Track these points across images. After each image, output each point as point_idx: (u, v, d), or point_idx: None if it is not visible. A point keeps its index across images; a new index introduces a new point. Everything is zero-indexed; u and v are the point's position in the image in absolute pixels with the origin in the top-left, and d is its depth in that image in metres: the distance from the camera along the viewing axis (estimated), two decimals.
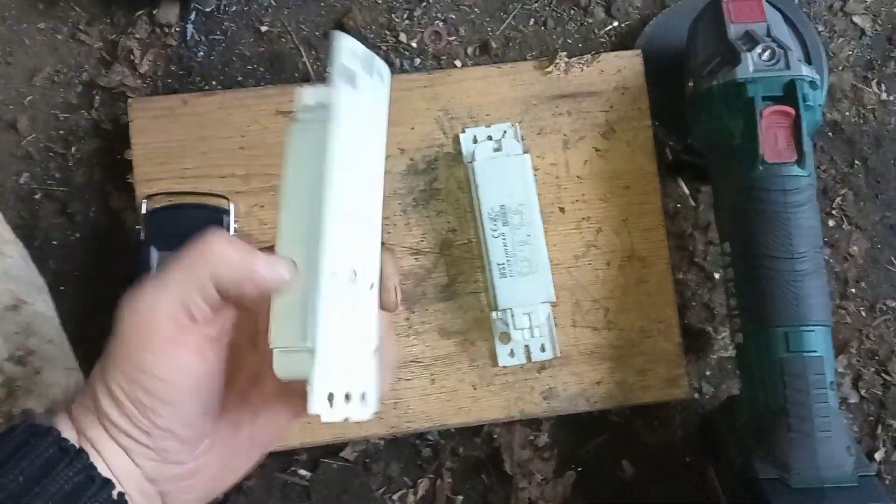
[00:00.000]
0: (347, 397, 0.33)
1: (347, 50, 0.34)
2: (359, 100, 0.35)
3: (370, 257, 0.35)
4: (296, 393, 0.33)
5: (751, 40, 0.51)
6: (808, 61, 0.57)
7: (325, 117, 0.33)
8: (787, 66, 0.50)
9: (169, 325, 0.32)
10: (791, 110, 0.48)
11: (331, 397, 0.32)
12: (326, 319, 0.32)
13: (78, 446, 0.31)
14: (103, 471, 0.32)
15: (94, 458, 0.32)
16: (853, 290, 0.60)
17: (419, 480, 0.58)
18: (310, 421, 0.38)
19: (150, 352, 0.32)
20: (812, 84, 0.50)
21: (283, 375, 0.33)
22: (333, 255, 0.32)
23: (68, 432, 0.32)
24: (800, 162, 0.48)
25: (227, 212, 0.54)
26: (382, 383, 0.36)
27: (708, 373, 0.59)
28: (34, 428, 0.31)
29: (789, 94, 0.49)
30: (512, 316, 0.53)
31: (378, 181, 0.36)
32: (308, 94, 0.35)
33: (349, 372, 0.33)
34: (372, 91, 0.36)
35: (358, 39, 0.35)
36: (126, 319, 0.32)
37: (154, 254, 0.53)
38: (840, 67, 0.63)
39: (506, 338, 0.55)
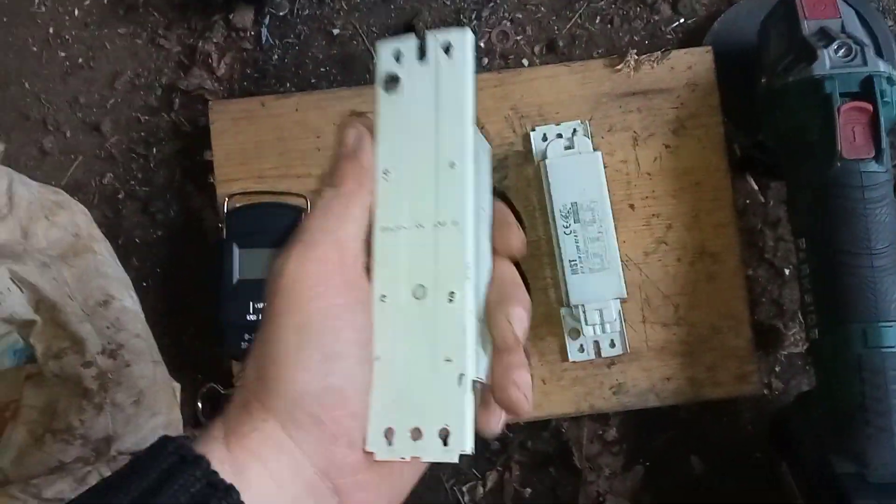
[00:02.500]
0: (417, 433, 0.29)
1: (385, 55, 0.33)
2: (405, 98, 0.32)
3: (452, 264, 0.31)
4: None
5: (826, 37, 0.51)
6: (881, 56, 0.56)
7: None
8: (865, 63, 0.49)
9: (335, 276, 0.30)
10: (869, 106, 0.48)
11: (388, 433, 0.29)
12: (378, 345, 0.30)
13: (228, 482, 0.27)
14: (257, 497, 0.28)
15: (248, 484, 0.28)
16: None
17: (488, 473, 0.59)
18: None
19: (317, 297, 0.29)
20: (889, 80, 0.50)
21: None
22: (378, 278, 0.31)
23: (217, 462, 0.28)
24: (878, 158, 0.48)
25: (305, 210, 0.56)
26: (490, 418, 0.32)
27: (778, 369, 0.59)
28: (183, 452, 0.28)
29: (867, 89, 0.49)
30: (583, 312, 0.53)
31: (460, 174, 0.31)
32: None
33: (418, 403, 0.30)
34: (429, 78, 0.32)
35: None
36: (280, 277, 0.29)
37: (235, 251, 0.56)
38: None
39: (576, 333, 0.55)
